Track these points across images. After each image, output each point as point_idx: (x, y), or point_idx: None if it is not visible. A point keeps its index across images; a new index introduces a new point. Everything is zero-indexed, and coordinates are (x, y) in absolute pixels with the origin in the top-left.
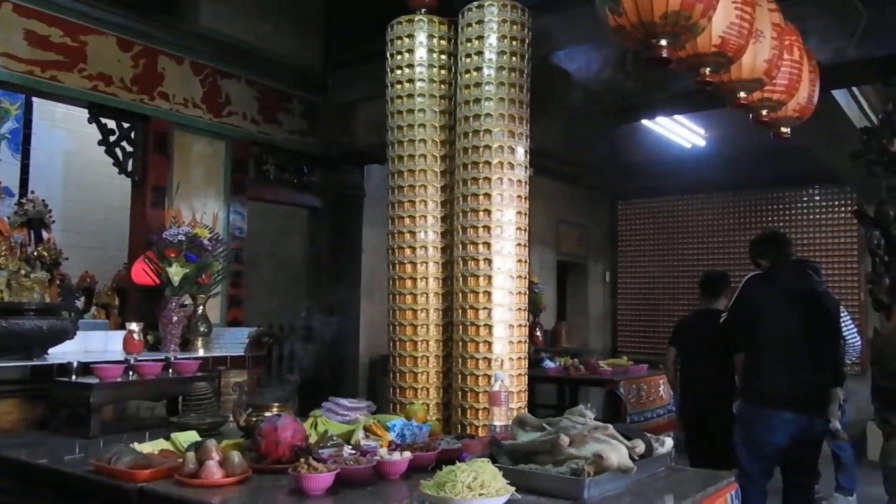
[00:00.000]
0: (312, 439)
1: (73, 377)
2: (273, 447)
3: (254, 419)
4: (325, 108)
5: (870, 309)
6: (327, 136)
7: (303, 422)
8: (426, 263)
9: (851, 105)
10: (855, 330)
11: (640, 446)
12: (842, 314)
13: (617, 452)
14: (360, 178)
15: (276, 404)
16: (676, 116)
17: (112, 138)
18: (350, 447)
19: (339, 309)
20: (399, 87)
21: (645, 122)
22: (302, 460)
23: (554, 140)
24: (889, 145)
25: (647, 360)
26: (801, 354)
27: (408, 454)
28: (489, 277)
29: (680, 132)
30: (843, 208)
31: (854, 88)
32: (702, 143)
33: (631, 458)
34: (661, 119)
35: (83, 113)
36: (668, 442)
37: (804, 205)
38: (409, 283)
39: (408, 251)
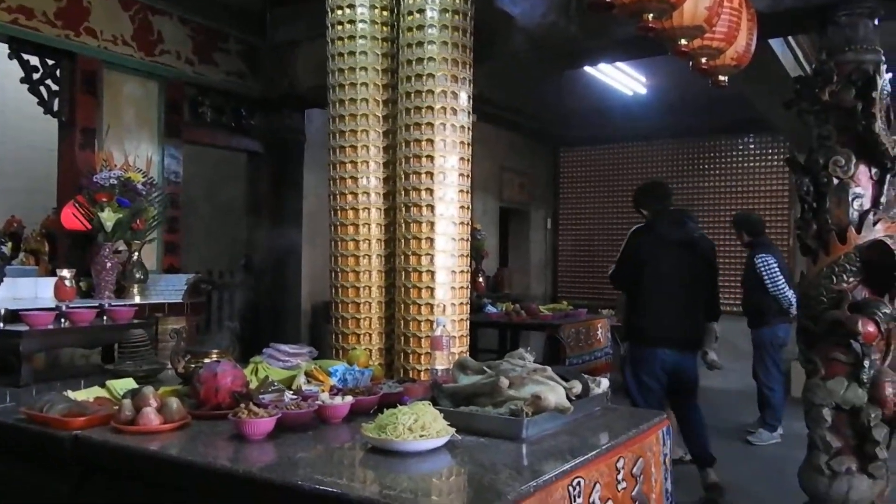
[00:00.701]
0: (253, 385)
1: (2, 325)
2: (212, 393)
3: (192, 366)
4: (265, 48)
5: (799, 253)
6: (267, 79)
7: (243, 368)
8: (368, 209)
9: (787, 54)
10: (783, 283)
11: (577, 387)
12: (772, 269)
13: (555, 393)
14: (301, 123)
15: (216, 351)
16: (619, 64)
17: (36, 76)
18: (291, 392)
19: (279, 255)
20: (340, 28)
21: (588, 69)
22: (242, 406)
23: (497, 86)
24: (821, 94)
25: (586, 305)
26: (680, 297)
27: (349, 398)
28: (432, 224)
29: (622, 80)
30: (776, 156)
31: (790, 38)
32: (643, 91)
33: (568, 398)
34: (603, 66)
35: (3, 48)
36: (604, 382)
37: (739, 152)
38: (351, 229)
39: (350, 197)
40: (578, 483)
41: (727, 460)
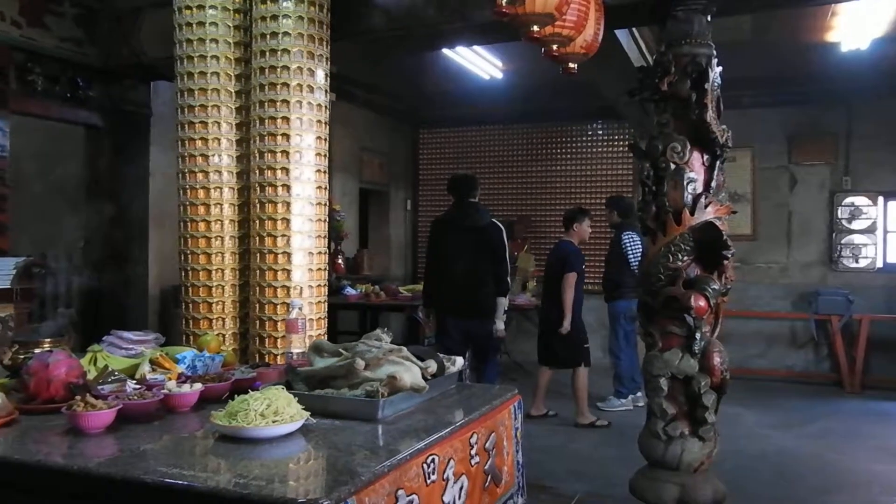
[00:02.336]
0: (91, 376)
1: None
2: (44, 386)
3: (21, 357)
4: (104, 13)
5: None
6: (107, 47)
7: (80, 358)
8: (220, 189)
9: (632, 46)
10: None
11: (433, 366)
12: (636, 246)
13: (410, 373)
14: (147, 95)
15: (48, 340)
16: (476, 48)
17: None
18: (134, 382)
19: (123, 237)
20: None
21: (446, 51)
22: (78, 398)
23: (356, 65)
24: (660, 85)
25: None
26: (465, 273)
27: (198, 386)
28: (287, 204)
29: (479, 63)
30: (621, 142)
31: (634, 30)
32: (499, 75)
33: (424, 377)
34: (461, 50)
35: None
36: (459, 361)
37: (589, 138)
38: (202, 209)
39: (200, 176)
40: (433, 460)
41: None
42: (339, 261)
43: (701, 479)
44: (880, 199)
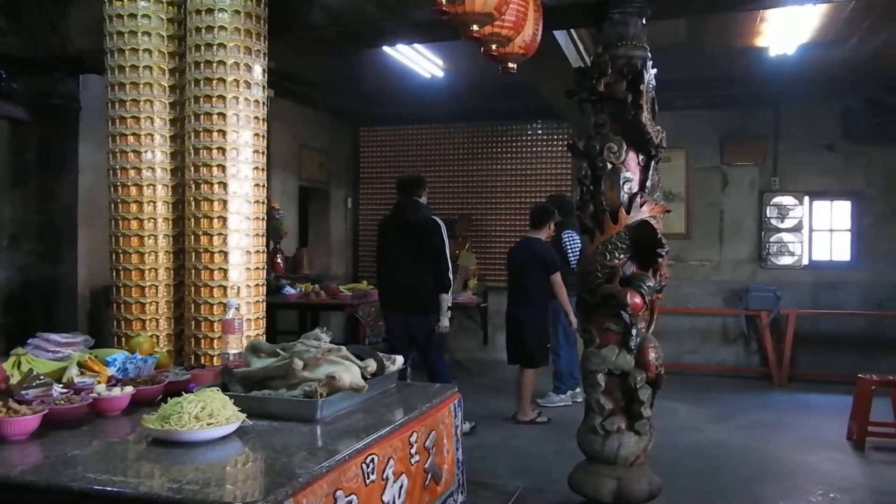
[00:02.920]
0: (15, 380)
1: None
2: None
3: None
4: (30, 2)
5: None
6: (33, 37)
7: (3, 362)
8: (154, 186)
9: (570, 47)
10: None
11: (372, 365)
12: (576, 245)
13: (349, 373)
14: (76, 89)
15: None
16: (417, 46)
17: None
18: (61, 386)
19: (51, 235)
20: None
21: (387, 49)
22: (0, 404)
23: (295, 61)
24: (597, 85)
25: None
26: (405, 271)
27: (129, 389)
28: (224, 202)
29: (420, 62)
30: (560, 142)
31: (572, 31)
32: (440, 74)
33: (363, 377)
34: (402, 48)
35: None
36: (399, 359)
37: (529, 138)
38: (134, 207)
39: (132, 172)
40: (372, 460)
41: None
42: (279, 260)
43: (637, 473)
44: (806, 199)
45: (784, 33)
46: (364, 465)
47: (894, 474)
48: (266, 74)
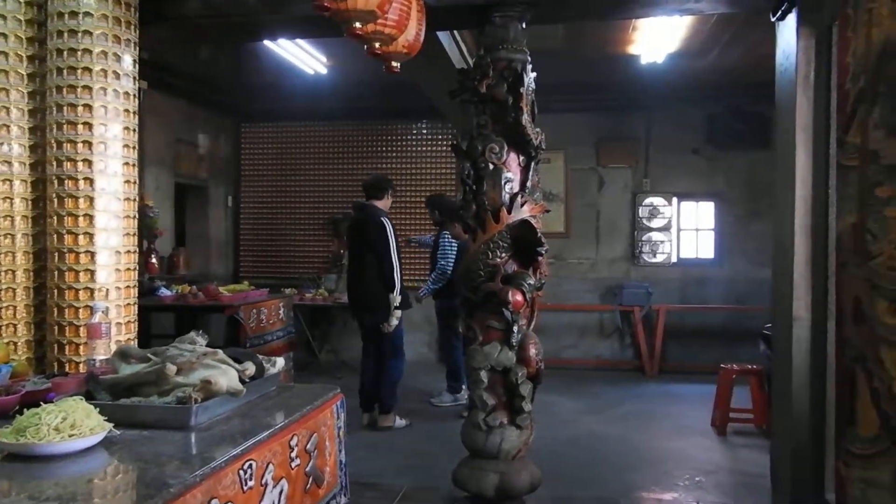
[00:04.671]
0: None
1: None
2: None
3: None
4: None
5: None
6: None
7: None
8: (11, 181)
9: (453, 48)
10: (451, 261)
11: (251, 368)
12: (447, 245)
13: (226, 376)
14: None
15: None
16: (299, 42)
17: None
18: None
19: None
20: None
21: (269, 43)
22: None
23: (172, 53)
24: (479, 87)
25: (269, 285)
26: (358, 272)
27: None
28: (91, 199)
29: (303, 58)
30: (445, 142)
31: (456, 33)
32: (324, 71)
33: (241, 380)
34: (285, 43)
35: None
36: (280, 362)
37: (413, 137)
38: None
39: None
40: (250, 466)
41: (412, 420)
42: (153, 260)
43: (519, 466)
44: (674, 200)
45: (654, 42)
46: (241, 472)
47: (752, 456)
48: (137, 65)
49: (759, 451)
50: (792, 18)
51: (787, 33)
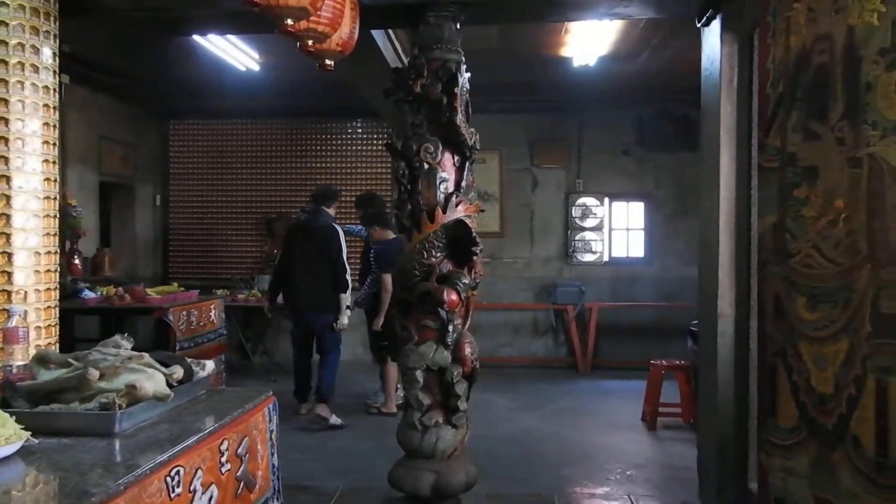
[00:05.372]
0: None
1: None
2: None
3: None
4: None
5: None
6: None
7: None
8: None
9: (388, 47)
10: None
11: (179, 372)
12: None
13: (153, 381)
14: None
15: None
16: (230, 37)
17: None
18: None
19: None
20: None
21: (198, 38)
22: None
23: (95, 46)
24: (413, 86)
25: (200, 286)
26: (306, 272)
27: None
28: (7, 198)
29: (235, 54)
30: (379, 141)
31: (390, 32)
32: (256, 68)
33: (169, 384)
34: (215, 38)
35: None
36: (210, 365)
37: (348, 136)
38: None
39: None
40: (178, 472)
41: (347, 421)
42: (76, 261)
43: (454, 465)
44: (606, 200)
45: (586, 45)
46: (168, 479)
47: (680, 449)
48: (58, 58)
49: (687, 445)
50: (716, 25)
51: (712, 39)
